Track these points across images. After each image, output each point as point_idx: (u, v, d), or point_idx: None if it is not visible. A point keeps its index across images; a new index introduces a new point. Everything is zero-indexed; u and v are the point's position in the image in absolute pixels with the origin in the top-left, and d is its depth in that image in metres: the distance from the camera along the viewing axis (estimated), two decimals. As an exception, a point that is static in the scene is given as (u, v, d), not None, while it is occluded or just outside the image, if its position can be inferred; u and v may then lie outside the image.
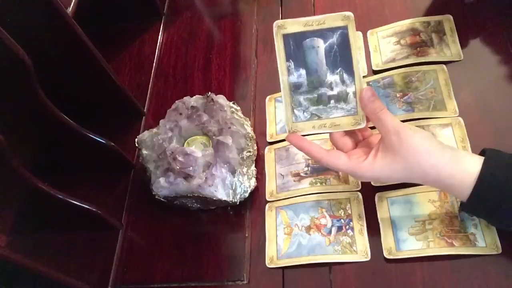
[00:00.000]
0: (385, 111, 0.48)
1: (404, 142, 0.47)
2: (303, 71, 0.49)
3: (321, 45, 0.48)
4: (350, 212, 0.58)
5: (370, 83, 0.67)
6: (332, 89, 0.50)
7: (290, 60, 0.49)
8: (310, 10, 0.78)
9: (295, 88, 0.50)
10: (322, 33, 0.48)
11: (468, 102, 0.61)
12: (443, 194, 0.55)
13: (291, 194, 0.62)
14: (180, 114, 0.67)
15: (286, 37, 0.49)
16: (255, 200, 0.64)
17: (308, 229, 0.58)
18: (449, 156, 0.47)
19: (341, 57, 0.48)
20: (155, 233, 0.65)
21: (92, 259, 0.65)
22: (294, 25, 0.48)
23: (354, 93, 0.49)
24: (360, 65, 0.49)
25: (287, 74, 0.50)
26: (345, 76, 0.49)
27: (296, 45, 0.49)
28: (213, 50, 0.80)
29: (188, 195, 0.62)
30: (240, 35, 0.81)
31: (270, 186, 0.64)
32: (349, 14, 0.47)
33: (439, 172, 0.47)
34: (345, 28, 0.48)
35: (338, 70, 0.49)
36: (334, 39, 0.48)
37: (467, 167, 0.46)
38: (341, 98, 0.50)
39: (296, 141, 0.51)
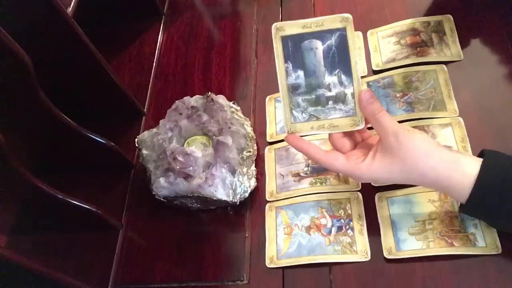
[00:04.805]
0: (384, 113, 0.48)
1: (402, 144, 0.47)
2: (301, 73, 0.50)
3: (319, 47, 0.48)
4: (350, 212, 0.58)
5: (370, 83, 0.67)
6: (330, 90, 0.50)
7: (288, 62, 0.49)
8: (310, 10, 0.78)
9: (293, 89, 0.50)
10: (321, 35, 0.48)
11: (468, 102, 0.61)
12: (443, 194, 0.55)
13: (291, 194, 0.62)
14: (180, 114, 0.67)
15: (284, 39, 0.49)
16: (255, 200, 0.64)
17: (308, 229, 0.58)
18: (447, 158, 0.47)
19: (339, 59, 0.48)
20: (155, 233, 0.65)
21: (92, 259, 0.65)
22: (292, 27, 0.49)
23: (353, 94, 0.49)
24: (358, 66, 0.49)
25: (286, 75, 0.50)
26: (343, 77, 0.49)
27: (295, 47, 0.49)
28: (213, 50, 0.80)
29: (188, 195, 0.62)
30: (240, 35, 0.81)
31: (270, 186, 0.64)
32: (348, 15, 0.47)
33: (438, 174, 0.47)
34: (343, 29, 0.48)
35: (336, 72, 0.49)
36: (332, 40, 0.48)
37: (466, 169, 0.46)
38: (340, 99, 0.50)
39: (294, 142, 0.52)
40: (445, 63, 0.65)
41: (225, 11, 0.86)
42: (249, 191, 0.63)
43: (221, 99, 0.68)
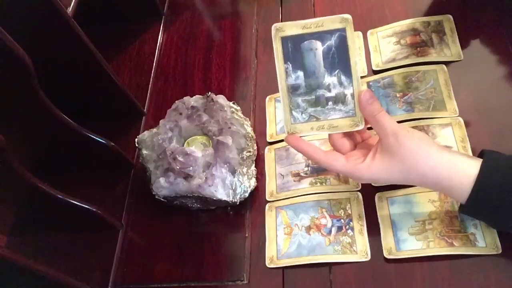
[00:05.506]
0: (383, 113, 0.48)
1: (402, 144, 0.47)
2: (301, 73, 0.50)
3: (319, 47, 0.48)
4: (350, 212, 0.58)
5: (370, 83, 0.67)
6: (330, 90, 0.50)
7: (288, 62, 0.49)
8: (310, 10, 0.78)
9: (293, 90, 0.50)
10: (320, 36, 0.48)
11: (468, 102, 0.61)
12: (443, 194, 0.55)
13: (291, 194, 0.62)
14: (180, 114, 0.67)
15: (284, 39, 0.49)
16: (255, 200, 0.64)
17: (308, 229, 0.58)
18: (447, 158, 0.47)
19: (339, 59, 0.48)
20: (155, 233, 0.65)
21: (92, 259, 0.65)
22: (292, 28, 0.49)
23: (352, 95, 0.49)
24: (358, 67, 0.49)
25: (285, 76, 0.50)
26: (343, 78, 0.49)
27: (294, 48, 0.49)
28: (213, 50, 0.80)
29: (188, 195, 0.62)
30: (240, 35, 0.81)
31: (270, 186, 0.64)
32: (347, 16, 0.47)
33: (437, 175, 0.47)
34: (343, 30, 0.48)
35: (336, 72, 0.49)
36: (332, 41, 0.48)
37: (465, 169, 0.46)
38: (339, 99, 0.50)
39: (294, 142, 0.52)
40: (445, 63, 0.65)
41: (225, 11, 0.86)
42: (249, 191, 0.63)
43: (221, 99, 0.68)
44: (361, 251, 0.55)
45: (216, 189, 0.61)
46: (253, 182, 0.63)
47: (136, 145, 0.69)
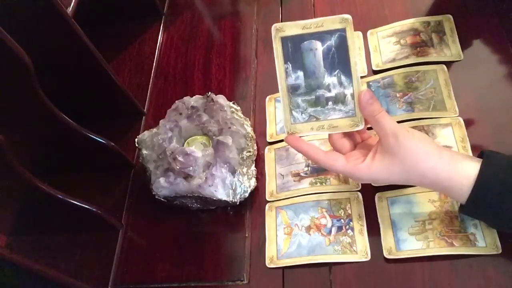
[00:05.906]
0: (383, 114, 0.48)
1: (402, 145, 0.47)
2: (300, 73, 0.50)
3: (319, 47, 0.49)
4: (350, 212, 0.58)
5: (370, 83, 0.67)
6: (330, 91, 0.50)
7: (288, 62, 0.49)
8: (310, 10, 0.78)
9: (293, 90, 0.50)
10: (320, 36, 0.48)
11: (468, 102, 0.61)
12: (443, 194, 0.55)
13: (291, 194, 0.62)
14: (180, 114, 0.67)
15: (284, 39, 0.49)
16: (255, 200, 0.64)
17: (308, 229, 0.58)
18: (447, 158, 0.47)
19: (339, 59, 0.48)
20: (155, 233, 0.65)
21: (92, 259, 0.65)
22: (292, 28, 0.49)
23: (352, 95, 0.49)
24: (358, 67, 0.49)
25: (285, 76, 0.50)
26: (343, 78, 0.49)
27: (294, 48, 0.49)
28: (213, 50, 0.80)
29: (188, 195, 0.62)
30: (240, 35, 0.81)
31: (270, 186, 0.64)
32: (347, 16, 0.47)
33: (437, 175, 0.47)
34: (343, 30, 0.48)
35: (336, 72, 0.49)
36: (332, 41, 0.48)
37: (465, 170, 0.46)
38: (339, 100, 0.50)
39: (294, 142, 0.52)
40: (445, 63, 0.65)
41: (225, 11, 0.86)
42: (249, 191, 0.63)
43: (221, 99, 0.68)
44: (361, 251, 0.55)
45: (216, 189, 0.61)
46: (253, 182, 0.63)
47: (136, 145, 0.69)
